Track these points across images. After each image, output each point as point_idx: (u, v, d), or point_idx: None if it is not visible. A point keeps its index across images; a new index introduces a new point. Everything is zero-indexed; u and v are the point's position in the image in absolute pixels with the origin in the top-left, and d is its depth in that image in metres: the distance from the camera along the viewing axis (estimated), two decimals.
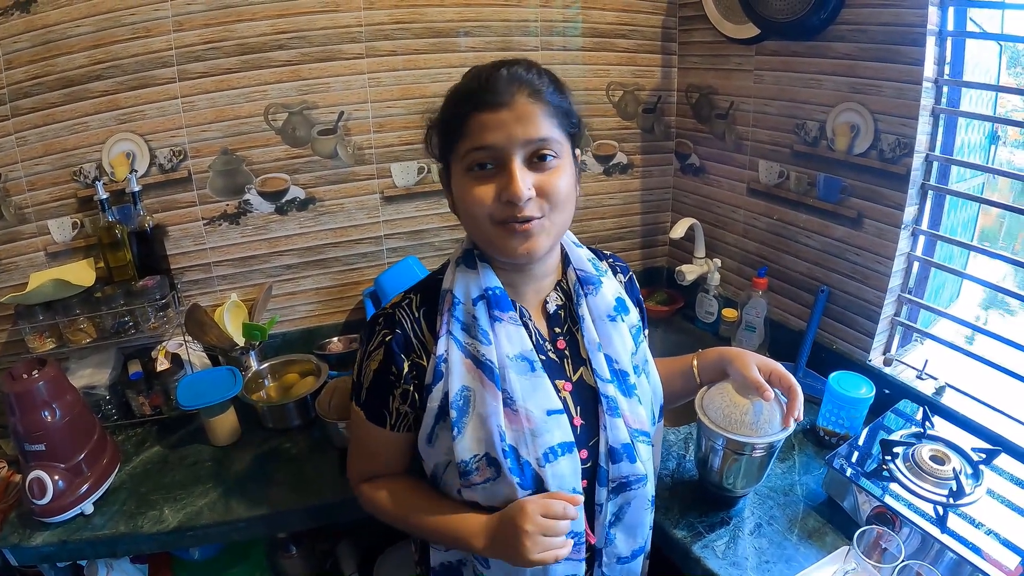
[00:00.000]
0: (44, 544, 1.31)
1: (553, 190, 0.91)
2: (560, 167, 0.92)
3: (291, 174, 1.81)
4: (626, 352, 1.05)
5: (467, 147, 0.90)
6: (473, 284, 0.98)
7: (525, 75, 0.91)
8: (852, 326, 1.66)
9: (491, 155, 0.89)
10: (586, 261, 1.08)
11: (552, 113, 0.91)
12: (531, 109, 0.89)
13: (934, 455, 1.24)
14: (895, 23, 1.41)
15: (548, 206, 0.91)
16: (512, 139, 0.88)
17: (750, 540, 1.23)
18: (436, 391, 0.96)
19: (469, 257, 1.01)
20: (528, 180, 0.89)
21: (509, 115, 0.88)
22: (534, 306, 1.05)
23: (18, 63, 1.53)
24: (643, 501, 1.04)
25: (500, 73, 0.90)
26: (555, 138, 0.91)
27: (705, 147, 2.06)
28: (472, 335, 0.96)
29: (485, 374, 0.94)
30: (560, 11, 1.90)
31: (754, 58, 1.79)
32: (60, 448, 1.33)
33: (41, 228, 1.66)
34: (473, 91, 0.90)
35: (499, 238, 0.92)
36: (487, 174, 0.90)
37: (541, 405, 0.95)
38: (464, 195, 0.92)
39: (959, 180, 1.56)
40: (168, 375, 1.65)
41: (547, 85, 0.92)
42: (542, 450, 0.94)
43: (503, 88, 0.88)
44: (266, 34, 1.66)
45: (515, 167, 0.88)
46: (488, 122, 0.88)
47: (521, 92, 0.89)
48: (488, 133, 0.88)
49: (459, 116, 0.91)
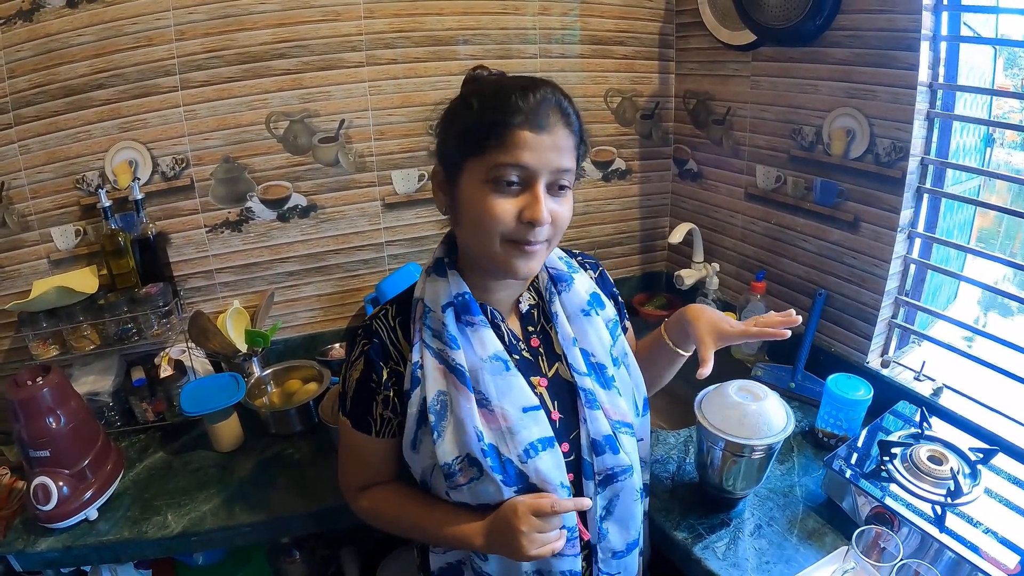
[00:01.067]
0: (48, 550, 1.31)
1: (563, 219, 0.94)
2: (570, 196, 0.96)
3: (293, 182, 1.82)
4: (602, 345, 1.07)
5: (499, 160, 0.89)
6: (442, 292, 1.01)
7: (565, 104, 0.92)
8: (850, 329, 1.67)
9: (522, 174, 0.90)
10: (557, 260, 1.11)
11: (576, 144, 0.94)
12: (567, 140, 0.91)
13: (932, 455, 1.25)
14: (889, 28, 1.43)
15: (554, 233, 0.94)
16: (545, 164, 0.89)
17: (750, 541, 1.23)
18: (414, 397, 0.99)
19: (439, 266, 1.03)
20: (549, 205, 0.91)
21: (549, 140, 0.89)
22: (507, 308, 1.07)
23: (21, 71, 1.54)
24: (632, 492, 1.05)
25: (547, 96, 0.90)
26: (573, 169, 0.94)
27: (703, 152, 2.08)
28: (442, 341, 0.99)
29: (457, 378, 0.97)
30: (558, 19, 1.92)
31: (750, 64, 1.81)
32: (64, 454, 1.34)
33: (44, 236, 1.67)
34: (519, 106, 0.88)
35: (505, 255, 0.93)
36: (511, 191, 0.90)
37: (516, 403, 0.97)
38: (479, 205, 0.91)
39: (955, 183, 1.57)
40: (171, 381, 1.65)
41: (575, 117, 0.94)
42: (522, 447, 0.96)
43: (548, 111, 0.89)
44: (267, 43, 1.68)
45: (540, 192, 0.90)
46: (528, 141, 0.88)
47: (558, 118, 0.90)
48: (527, 153, 0.88)
49: (500, 127, 0.88)
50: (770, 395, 1.22)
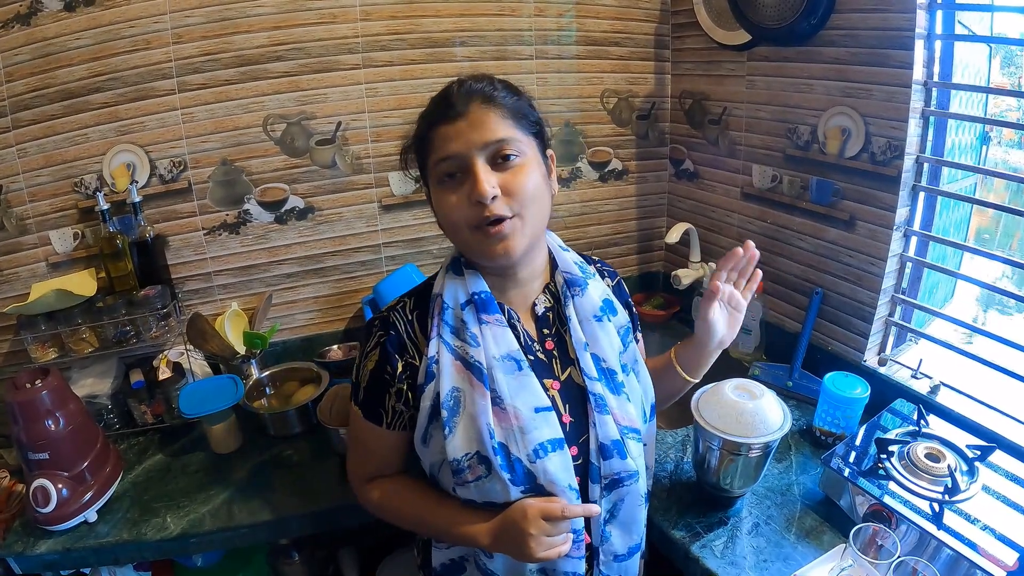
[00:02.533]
0: (48, 552, 1.31)
1: (518, 187, 0.95)
2: (524, 165, 0.96)
3: (290, 184, 1.82)
4: (613, 351, 1.07)
5: (434, 160, 0.96)
6: (461, 289, 1.02)
7: (476, 85, 0.97)
8: (847, 327, 1.67)
9: (456, 164, 0.95)
10: (572, 264, 1.11)
11: (509, 115, 0.96)
12: (485, 114, 0.94)
13: (929, 453, 1.25)
14: (884, 27, 1.43)
15: (517, 204, 0.95)
16: (470, 144, 0.93)
17: (748, 539, 1.24)
18: (428, 391, 0.99)
19: (456, 264, 1.05)
20: (492, 179, 0.93)
21: (465, 124, 0.94)
22: (522, 309, 1.08)
23: (19, 75, 1.55)
24: (636, 498, 1.05)
25: (452, 88, 0.97)
26: (515, 138, 0.96)
27: (699, 152, 2.08)
28: (461, 338, 1.00)
29: (474, 375, 0.97)
30: (554, 20, 1.93)
31: (746, 64, 1.81)
32: (64, 457, 1.34)
33: (42, 239, 1.67)
34: (432, 109, 0.98)
35: (477, 243, 0.97)
36: (456, 182, 0.96)
37: (528, 403, 0.98)
38: (440, 206, 0.99)
39: (951, 181, 1.58)
40: (170, 384, 1.66)
41: (500, 90, 0.97)
42: (532, 447, 0.96)
43: (457, 100, 0.95)
44: (264, 46, 1.68)
45: (478, 169, 0.93)
46: (448, 133, 0.94)
47: (475, 101, 0.95)
48: (449, 143, 0.94)
49: (424, 134, 0.98)
50: (767, 393, 1.22)
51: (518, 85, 1.02)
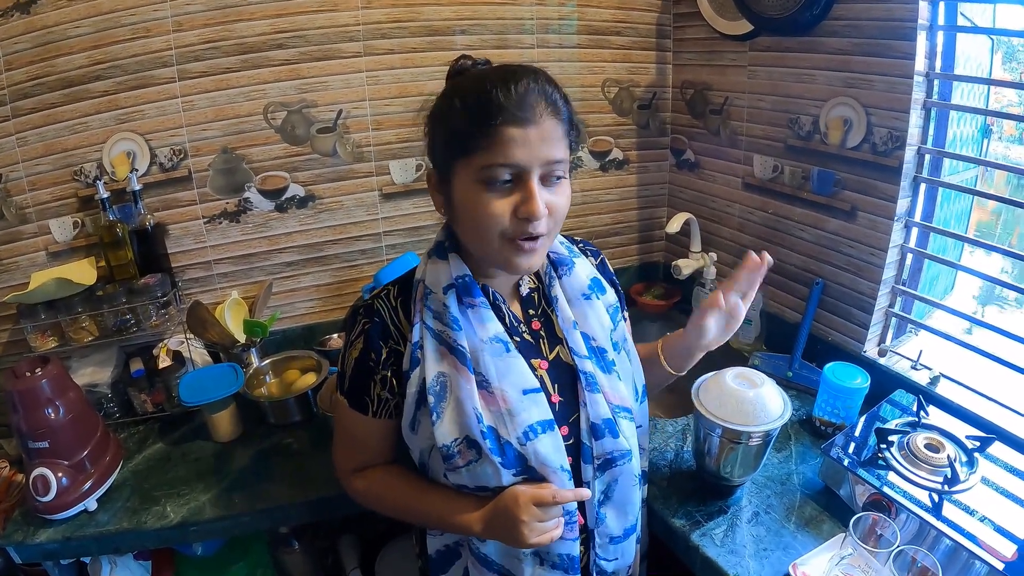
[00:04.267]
0: (48, 541, 1.32)
1: (561, 208, 0.93)
2: (565, 183, 0.95)
3: (291, 172, 1.82)
4: (603, 329, 1.08)
5: (489, 160, 0.88)
6: (443, 274, 1.01)
7: (548, 90, 0.90)
8: (847, 318, 1.68)
9: (513, 172, 0.89)
10: (559, 244, 1.10)
11: (565, 131, 0.92)
12: (554, 128, 0.89)
13: (929, 443, 1.25)
14: (886, 18, 1.43)
15: (553, 223, 0.94)
16: (536, 158, 0.88)
17: (748, 528, 1.24)
18: (413, 377, 0.99)
19: (440, 249, 1.03)
20: (543, 197, 0.90)
21: (536, 133, 0.87)
22: (507, 291, 1.07)
23: (18, 64, 1.54)
24: (630, 477, 1.05)
25: (528, 86, 0.88)
26: (566, 158, 0.92)
27: (700, 142, 2.08)
28: (443, 322, 0.99)
29: (457, 359, 0.97)
30: (556, 9, 1.92)
31: (747, 54, 1.81)
32: (64, 445, 1.34)
33: (42, 228, 1.67)
34: (501, 103, 0.86)
35: (507, 253, 0.93)
36: (505, 190, 0.90)
37: (516, 385, 0.98)
38: (475, 207, 0.91)
39: (952, 172, 1.58)
40: (170, 372, 1.65)
41: (561, 101, 0.92)
42: (521, 429, 0.96)
43: (531, 103, 0.87)
44: (265, 33, 1.67)
45: (534, 186, 0.89)
46: (517, 138, 0.86)
47: (544, 108, 0.88)
48: (515, 149, 0.86)
49: (485, 127, 0.87)
50: (767, 382, 1.22)
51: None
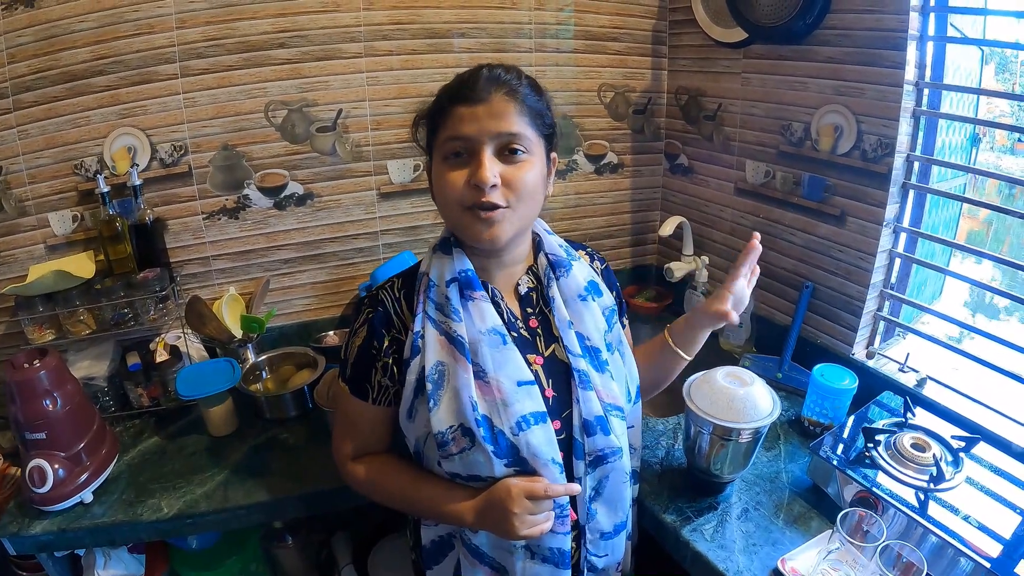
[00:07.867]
0: (43, 533, 1.32)
1: (519, 182, 0.98)
2: (529, 162, 1.00)
3: (290, 170, 1.83)
4: (598, 330, 1.11)
5: (445, 136, 0.99)
6: (447, 268, 1.06)
7: (504, 76, 1.00)
8: (836, 321, 1.70)
9: (465, 144, 0.98)
10: (557, 247, 1.15)
11: (526, 112, 0.99)
12: (505, 106, 0.97)
13: (915, 443, 1.28)
14: (878, 28, 1.46)
15: (513, 197, 0.98)
16: (484, 131, 0.96)
17: (737, 524, 1.26)
18: (413, 365, 1.02)
19: (445, 244, 1.09)
20: (495, 169, 0.97)
21: (484, 110, 0.96)
22: (506, 288, 1.11)
23: (21, 57, 1.55)
24: (621, 474, 1.09)
25: (482, 72, 0.99)
26: (526, 135, 0.99)
27: (694, 148, 2.10)
28: (445, 313, 1.03)
29: (457, 348, 1.01)
30: (553, 14, 1.94)
31: (741, 61, 1.84)
32: (60, 437, 1.35)
33: (41, 221, 1.68)
34: (455, 88, 1.00)
35: (467, 223, 1.00)
36: (460, 162, 0.99)
37: (511, 376, 1.01)
38: (439, 180, 1.02)
39: (940, 180, 1.61)
40: (166, 367, 1.66)
41: (524, 87, 1.00)
42: (514, 419, 0.99)
43: (482, 86, 0.97)
44: (267, 32, 1.69)
45: (484, 156, 0.96)
46: (465, 115, 0.97)
47: (498, 91, 0.98)
48: (464, 125, 0.97)
49: (441, 109, 1.01)
50: (757, 381, 1.25)
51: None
